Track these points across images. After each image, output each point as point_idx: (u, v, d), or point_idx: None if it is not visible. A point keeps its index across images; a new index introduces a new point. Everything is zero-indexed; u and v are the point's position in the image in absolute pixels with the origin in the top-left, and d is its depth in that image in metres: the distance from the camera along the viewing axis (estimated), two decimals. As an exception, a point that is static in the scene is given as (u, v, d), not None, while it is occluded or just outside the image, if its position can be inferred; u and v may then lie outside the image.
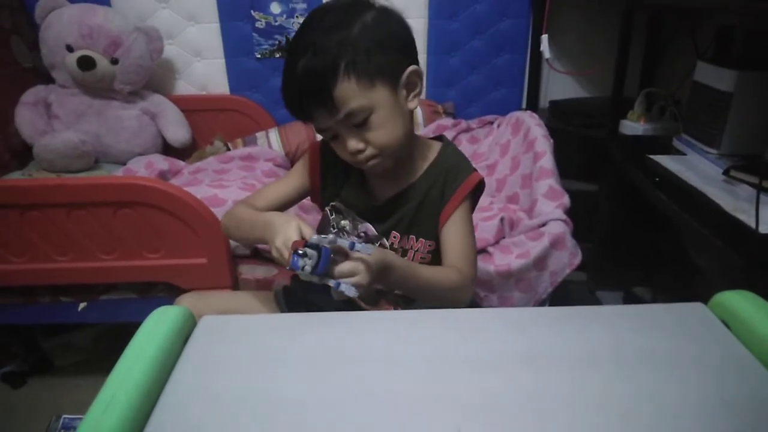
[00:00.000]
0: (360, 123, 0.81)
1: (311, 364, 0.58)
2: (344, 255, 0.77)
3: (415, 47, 0.86)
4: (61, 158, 1.60)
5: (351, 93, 0.78)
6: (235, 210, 0.97)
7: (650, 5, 1.28)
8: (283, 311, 1.00)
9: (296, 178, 0.98)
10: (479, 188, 0.93)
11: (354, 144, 0.83)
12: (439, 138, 0.98)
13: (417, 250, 0.95)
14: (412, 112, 0.87)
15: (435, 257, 0.96)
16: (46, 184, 1.31)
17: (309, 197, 1.01)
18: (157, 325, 0.60)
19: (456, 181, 0.91)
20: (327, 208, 0.96)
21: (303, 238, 0.77)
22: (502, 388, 0.54)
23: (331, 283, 0.75)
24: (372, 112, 0.80)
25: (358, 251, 0.75)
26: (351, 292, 0.75)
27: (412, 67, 0.83)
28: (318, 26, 0.80)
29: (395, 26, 0.83)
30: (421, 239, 0.93)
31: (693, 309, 0.66)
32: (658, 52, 1.71)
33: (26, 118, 1.65)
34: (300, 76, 0.78)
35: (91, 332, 1.74)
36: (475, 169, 0.93)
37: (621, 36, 1.41)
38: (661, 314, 0.66)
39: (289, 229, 0.79)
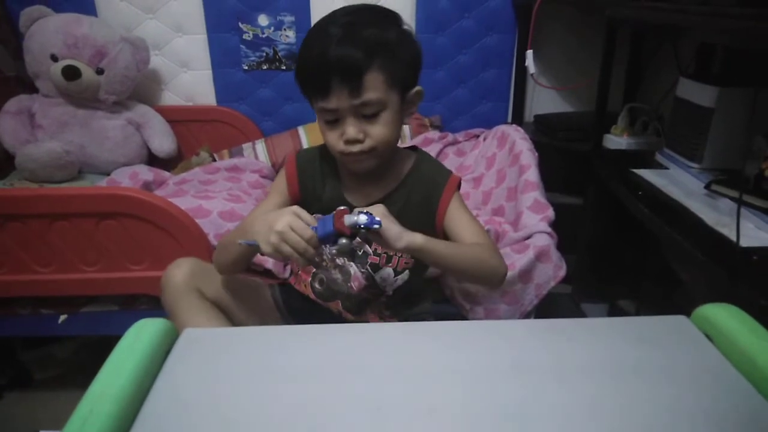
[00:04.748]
0: (370, 114, 0.85)
1: (295, 377, 0.57)
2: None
3: (420, 72, 0.92)
4: (43, 168, 1.58)
5: (377, 84, 0.83)
6: (218, 244, 1.00)
7: (633, 21, 1.30)
8: (276, 297, 1.05)
9: (277, 195, 0.99)
10: (459, 185, 0.98)
11: (354, 132, 0.85)
12: (412, 148, 1.01)
13: (401, 256, 0.95)
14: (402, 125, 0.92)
15: (418, 263, 0.97)
16: (27, 194, 1.28)
17: None
18: (138, 338, 0.59)
19: (439, 186, 0.95)
20: None
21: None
22: (488, 400, 0.54)
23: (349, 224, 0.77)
24: (384, 109, 0.85)
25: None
26: (364, 218, 0.77)
27: (419, 87, 0.90)
28: (356, 15, 0.84)
29: (417, 48, 0.90)
30: None
31: (676, 322, 0.67)
32: (641, 68, 1.74)
33: (8, 127, 1.64)
34: (336, 52, 0.80)
35: (71, 345, 1.71)
36: (451, 171, 0.98)
37: (604, 52, 1.42)
38: (645, 327, 0.66)
39: (288, 216, 0.79)
